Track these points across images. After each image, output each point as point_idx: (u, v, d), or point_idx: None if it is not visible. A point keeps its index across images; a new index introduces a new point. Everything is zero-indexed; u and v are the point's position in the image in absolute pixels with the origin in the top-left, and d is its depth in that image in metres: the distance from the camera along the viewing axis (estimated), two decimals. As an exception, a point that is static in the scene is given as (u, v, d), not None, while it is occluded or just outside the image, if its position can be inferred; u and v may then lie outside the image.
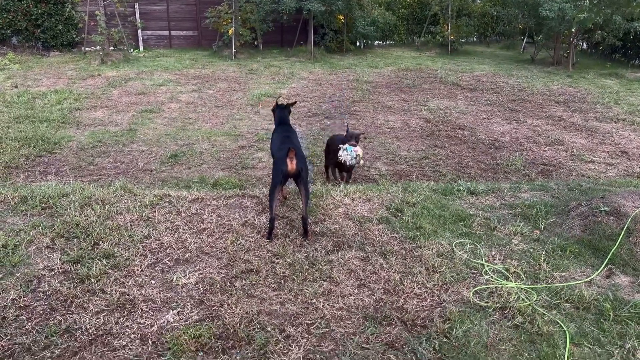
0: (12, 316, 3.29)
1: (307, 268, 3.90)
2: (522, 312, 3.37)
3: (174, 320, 3.33)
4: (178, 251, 4.15)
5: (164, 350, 3.06)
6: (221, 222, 4.65)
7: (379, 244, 4.28)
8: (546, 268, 3.91)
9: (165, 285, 3.71)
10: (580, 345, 3.10)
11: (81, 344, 3.09)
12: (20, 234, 4.21)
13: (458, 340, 3.14)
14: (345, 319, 3.36)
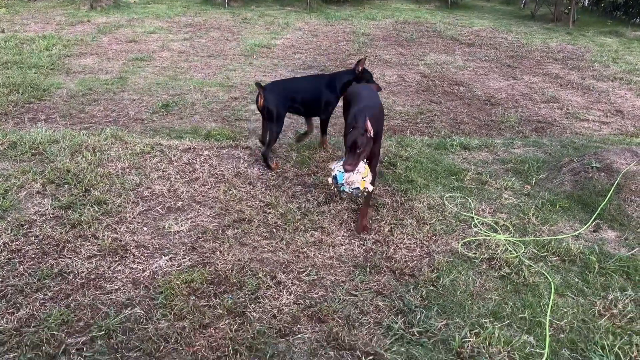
0: (4, 259, 3.31)
1: (298, 218, 3.92)
2: (509, 263, 3.43)
3: (166, 266, 3.37)
4: (170, 199, 4.15)
5: (156, 294, 3.10)
6: (213, 172, 4.64)
7: (372, 195, 4.29)
8: (535, 222, 3.96)
9: (157, 232, 3.73)
10: (564, 296, 3.17)
11: (74, 287, 3.13)
12: (10, 179, 4.18)
13: (445, 288, 3.20)
14: (336, 267, 3.40)
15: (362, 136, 3.46)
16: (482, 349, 2.73)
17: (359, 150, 3.45)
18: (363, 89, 4.30)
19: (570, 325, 2.91)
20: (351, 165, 3.44)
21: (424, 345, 2.78)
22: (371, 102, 4.01)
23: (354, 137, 3.45)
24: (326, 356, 2.73)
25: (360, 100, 4.02)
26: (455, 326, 2.91)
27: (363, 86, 4.46)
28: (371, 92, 4.27)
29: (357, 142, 3.44)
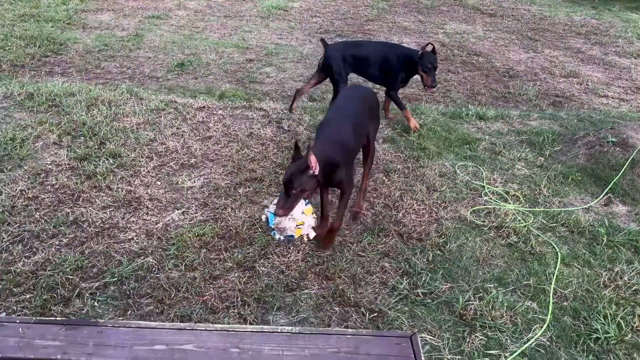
0: (21, 206, 3.39)
1: (309, 179, 3.94)
2: (517, 232, 3.45)
3: (178, 219, 3.43)
4: (184, 156, 4.19)
5: (168, 246, 3.17)
6: (227, 131, 4.66)
7: (382, 162, 4.30)
8: (546, 193, 3.95)
9: (170, 186, 3.78)
10: (571, 266, 3.20)
11: (88, 235, 3.21)
12: (28, 129, 4.24)
13: (451, 253, 3.24)
14: (344, 229, 3.44)
15: (301, 174, 2.70)
16: (485, 312, 2.77)
17: (295, 192, 2.73)
18: (342, 100, 3.54)
19: (575, 294, 2.94)
20: (283, 209, 2.73)
21: (427, 306, 2.83)
22: (339, 126, 3.12)
23: (290, 173, 2.71)
24: (331, 311, 2.79)
25: (327, 121, 3.25)
26: (460, 289, 2.96)
27: (348, 94, 3.68)
28: (350, 107, 3.39)
29: (293, 181, 2.68)
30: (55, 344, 1.93)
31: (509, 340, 2.62)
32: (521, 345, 2.58)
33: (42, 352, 1.89)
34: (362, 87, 4.16)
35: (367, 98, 3.57)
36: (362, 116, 3.35)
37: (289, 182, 2.71)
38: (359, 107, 3.41)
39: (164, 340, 1.98)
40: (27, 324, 2.00)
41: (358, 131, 3.23)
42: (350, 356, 2.00)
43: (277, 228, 3.14)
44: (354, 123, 3.20)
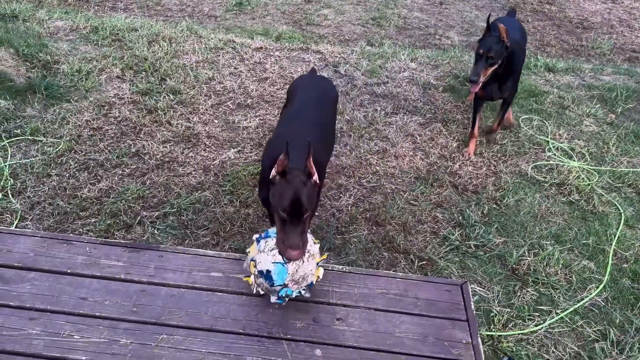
0: (87, 135, 3.53)
1: (364, 127, 3.89)
2: (579, 190, 3.30)
3: (234, 157, 3.49)
4: (240, 96, 4.21)
5: (224, 182, 3.25)
6: (283, 73, 4.62)
7: (441, 111, 4.17)
8: (614, 152, 3.74)
9: (227, 125, 3.83)
10: (634, 228, 3.05)
11: (149, 166, 3.32)
12: (92, 62, 4.36)
13: (508, 207, 3.15)
14: (397, 177, 3.40)
15: (311, 189, 1.88)
16: (538, 268, 2.71)
17: (307, 215, 1.84)
18: (306, 86, 2.80)
19: (636, 257, 2.82)
20: (298, 247, 1.74)
21: (479, 258, 2.80)
22: (309, 118, 2.46)
23: (296, 190, 1.82)
24: (380, 255, 2.81)
25: (295, 112, 2.54)
26: (514, 244, 2.89)
27: (310, 80, 2.98)
28: (320, 95, 2.71)
29: (305, 202, 1.81)
30: (119, 264, 2.04)
31: (562, 298, 2.56)
32: (574, 304, 2.52)
33: (107, 270, 2.00)
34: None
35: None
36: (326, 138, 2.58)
37: (299, 204, 1.79)
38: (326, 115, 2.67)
39: (220, 268, 2.06)
40: (94, 244, 2.12)
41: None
42: (398, 298, 2.02)
43: (292, 281, 1.79)
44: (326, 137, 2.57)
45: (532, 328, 2.39)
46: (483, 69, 3.17)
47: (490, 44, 3.15)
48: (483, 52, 3.16)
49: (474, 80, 3.20)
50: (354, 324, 1.90)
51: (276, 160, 1.95)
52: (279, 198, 1.83)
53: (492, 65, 3.18)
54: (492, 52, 3.14)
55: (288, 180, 1.84)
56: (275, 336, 1.82)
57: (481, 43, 3.22)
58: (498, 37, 3.15)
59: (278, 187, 1.86)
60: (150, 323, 1.83)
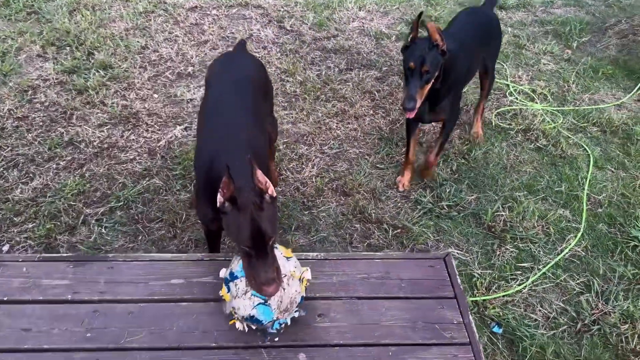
0: (11, 127, 3.13)
1: (319, 87, 3.64)
2: (546, 134, 3.21)
3: (181, 136, 3.19)
4: (179, 64, 3.85)
5: (174, 165, 2.96)
6: (224, 34, 4.26)
7: (396, 62, 3.95)
8: (575, 90, 3.66)
9: (169, 99, 3.49)
10: (604, 169, 3.00)
11: (87, 156, 2.99)
12: (7, 40, 3.85)
13: (477, 161, 3.03)
14: (360, 139, 3.21)
15: (260, 210, 1.55)
16: (514, 222, 2.62)
17: (273, 240, 1.57)
18: (222, 70, 2.33)
19: (609, 200, 2.78)
20: (271, 278, 1.50)
21: (453, 219, 2.68)
22: (235, 110, 2.05)
23: (252, 219, 1.52)
24: (352, 228, 2.65)
25: (216, 107, 2.10)
26: (487, 200, 2.79)
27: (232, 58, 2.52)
28: (241, 76, 2.24)
29: (265, 230, 1.52)
30: (63, 282, 1.78)
31: (542, 252, 2.49)
32: (555, 257, 2.46)
33: (50, 292, 1.74)
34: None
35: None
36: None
37: (261, 234, 1.51)
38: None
39: (181, 274, 1.83)
40: (32, 262, 1.85)
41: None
42: (380, 282, 1.87)
43: (280, 313, 1.59)
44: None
45: (516, 288, 2.32)
46: (418, 89, 2.32)
47: (422, 53, 2.29)
48: (415, 66, 2.31)
49: (410, 108, 2.33)
50: (337, 318, 1.73)
51: (212, 175, 1.69)
52: (236, 232, 1.56)
53: (429, 82, 2.35)
54: (427, 64, 2.29)
55: (240, 207, 1.54)
56: (253, 345, 1.64)
57: (409, 53, 2.35)
58: (430, 41, 2.31)
59: (231, 217, 1.57)
60: (109, 349, 1.61)
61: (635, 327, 2.14)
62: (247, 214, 1.52)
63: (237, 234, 1.55)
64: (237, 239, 1.56)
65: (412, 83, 2.33)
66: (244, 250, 1.54)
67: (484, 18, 2.94)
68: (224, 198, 1.56)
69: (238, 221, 1.54)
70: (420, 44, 2.33)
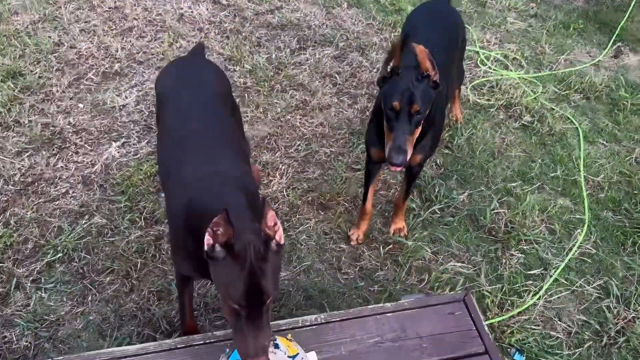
0: None
1: (272, 75, 3.19)
2: (529, 109, 2.94)
3: (119, 155, 2.70)
4: (103, 61, 3.27)
5: (116, 195, 2.49)
6: (150, 17, 3.66)
7: (353, 35, 3.53)
8: (549, 51, 3.39)
9: (97, 109, 2.95)
10: (595, 143, 2.78)
11: (8, 196, 2.46)
12: None
13: (462, 150, 2.73)
14: (329, 137, 2.83)
15: (264, 261, 1.25)
16: (515, 222, 2.37)
17: (270, 300, 1.27)
18: (179, 85, 1.92)
19: (609, 181, 2.57)
20: (261, 348, 1.23)
21: (449, 225, 2.39)
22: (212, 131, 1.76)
23: (252, 270, 1.22)
24: (338, 250, 2.31)
25: (184, 130, 1.74)
26: (481, 196, 2.51)
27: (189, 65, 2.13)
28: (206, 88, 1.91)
29: (265, 288, 1.23)
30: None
31: (550, 254, 2.26)
32: (564, 258, 2.23)
33: None
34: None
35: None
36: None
37: (259, 291, 1.23)
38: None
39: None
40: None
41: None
42: (398, 344, 1.55)
43: None
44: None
45: (530, 302, 2.08)
46: (408, 135, 1.80)
47: (409, 88, 1.76)
48: (401, 106, 1.77)
49: (400, 163, 1.81)
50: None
51: (195, 224, 1.32)
52: (226, 285, 1.25)
53: (420, 124, 1.84)
54: (418, 103, 1.76)
55: (237, 255, 1.23)
56: None
57: (391, 88, 1.81)
58: (419, 71, 1.78)
59: (223, 266, 1.25)
60: None
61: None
62: (244, 264, 1.22)
63: (228, 287, 1.25)
64: (227, 294, 1.25)
65: (399, 129, 1.78)
66: (232, 308, 1.25)
67: (447, 20, 2.42)
68: (215, 241, 1.24)
69: (232, 272, 1.24)
70: (405, 76, 1.78)
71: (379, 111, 1.95)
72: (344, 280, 2.20)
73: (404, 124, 1.78)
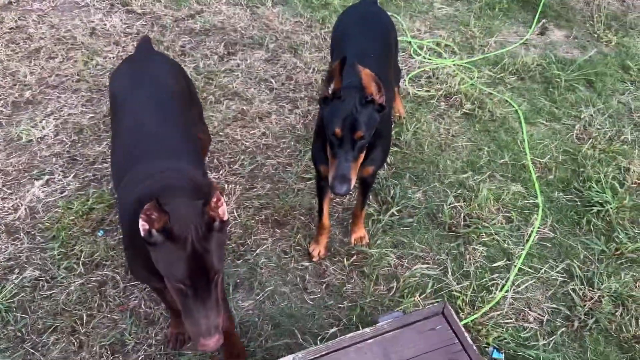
0: None
1: (202, 85, 3.00)
2: (468, 96, 2.93)
3: (44, 195, 2.43)
4: (12, 90, 2.96)
5: (47, 241, 2.24)
6: (58, 35, 3.36)
7: (282, 35, 3.39)
8: (478, 34, 3.40)
9: (11, 145, 2.66)
10: (536, 124, 2.82)
11: None
12: None
13: (409, 146, 2.68)
14: (273, 147, 2.69)
15: (206, 240, 1.26)
16: (473, 214, 2.35)
17: (217, 277, 1.29)
18: (133, 84, 1.86)
19: (555, 161, 2.60)
20: (213, 326, 1.26)
21: (409, 226, 2.34)
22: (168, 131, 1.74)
23: (194, 250, 1.24)
24: (301, 268, 2.20)
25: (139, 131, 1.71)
26: (435, 192, 2.48)
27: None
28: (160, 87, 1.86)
29: (210, 263, 1.25)
30: None
31: (510, 243, 2.26)
32: (524, 246, 2.24)
33: None
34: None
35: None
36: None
37: (209, 267, 1.25)
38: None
39: None
40: None
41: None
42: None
43: None
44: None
45: (499, 295, 2.07)
46: (352, 163, 1.70)
47: (352, 114, 1.66)
48: (345, 134, 1.67)
49: (344, 193, 1.71)
50: None
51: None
52: (168, 265, 1.26)
53: (364, 148, 1.74)
54: (361, 129, 1.66)
55: (176, 237, 1.23)
56: None
57: (332, 112, 1.69)
58: (362, 94, 1.67)
59: (162, 250, 1.25)
60: None
61: (629, 310, 2.02)
62: (186, 245, 1.23)
63: (171, 268, 1.25)
64: (170, 274, 1.25)
65: (342, 156, 1.67)
66: (178, 288, 1.25)
67: (379, 22, 2.31)
68: (150, 227, 1.23)
69: (172, 253, 1.24)
70: (347, 100, 1.67)
71: (321, 130, 1.84)
72: (311, 301, 2.09)
73: (347, 151, 1.68)
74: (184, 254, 1.22)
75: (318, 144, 1.95)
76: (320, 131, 1.90)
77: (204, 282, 1.23)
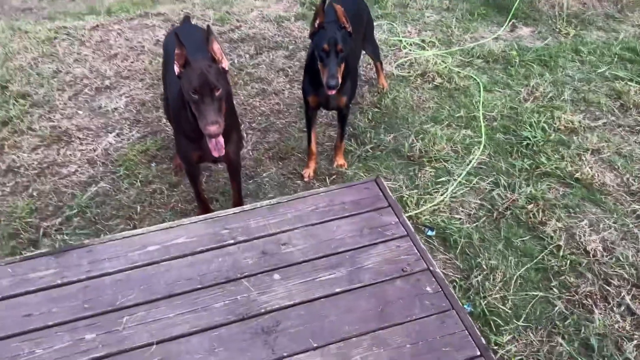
0: (-56, 168, 3.17)
1: (235, 74, 3.91)
2: (440, 74, 3.67)
3: (115, 142, 3.35)
4: (96, 80, 3.97)
5: (116, 168, 3.13)
6: (131, 45, 4.41)
7: (300, 40, 4.29)
8: (457, 33, 4.17)
9: (94, 113, 3.63)
10: (492, 91, 3.51)
11: (29, 178, 3.09)
12: None
13: (388, 108, 3.43)
14: (283, 111, 3.52)
15: (209, 71, 2.03)
16: (428, 148, 3.04)
17: (219, 93, 2.05)
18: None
19: (501, 114, 3.27)
20: (215, 119, 2.02)
21: (378, 158, 3.06)
22: None
23: (202, 73, 2.01)
24: (295, 185, 2.96)
25: None
26: (403, 136, 3.19)
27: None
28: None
29: (211, 80, 2.01)
30: (50, 272, 1.96)
31: (454, 167, 2.93)
32: (465, 167, 2.90)
33: (40, 282, 1.92)
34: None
35: None
36: None
37: (211, 83, 1.97)
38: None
39: (155, 241, 2.07)
40: (14, 264, 2.01)
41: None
42: (328, 209, 2.20)
43: None
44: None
45: (440, 198, 2.73)
46: (337, 67, 2.46)
47: (333, 35, 2.47)
48: (330, 47, 2.45)
49: (334, 86, 2.45)
50: (299, 244, 2.04)
51: (184, 115, 2.13)
52: (188, 84, 2.00)
53: (344, 60, 2.52)
54: (340, 44, 2.46)
55: (193, 67, 1.99)
56: (233, 278, 1.92)
57: (320, 37, 2.50)
58: (338, 23, 2.52)
59: (185, 75, 2.02)
60: (108, 311, 1.82)
61: (539, 204, 2.62)
62: (198, 69, 1.97)
63: (189, 85, 1.98)
64: (189, 88, 1.98)
65: (331, 62, 2.45)
66: (193, 99, 1.99)
67: (355, 6, 3.05)
68: (179, 66, 2.02)
69: (190, 75, 1.98)
70: (329, 28, 2.50)
71: (311, 63, 2.67)
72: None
73: (333, 59, 2.48)
74: (196, 73, 1.96)
75: (307, 78, 2.76)
76: (308, 68, 2.73)
77: (208, 92, 1.96)
